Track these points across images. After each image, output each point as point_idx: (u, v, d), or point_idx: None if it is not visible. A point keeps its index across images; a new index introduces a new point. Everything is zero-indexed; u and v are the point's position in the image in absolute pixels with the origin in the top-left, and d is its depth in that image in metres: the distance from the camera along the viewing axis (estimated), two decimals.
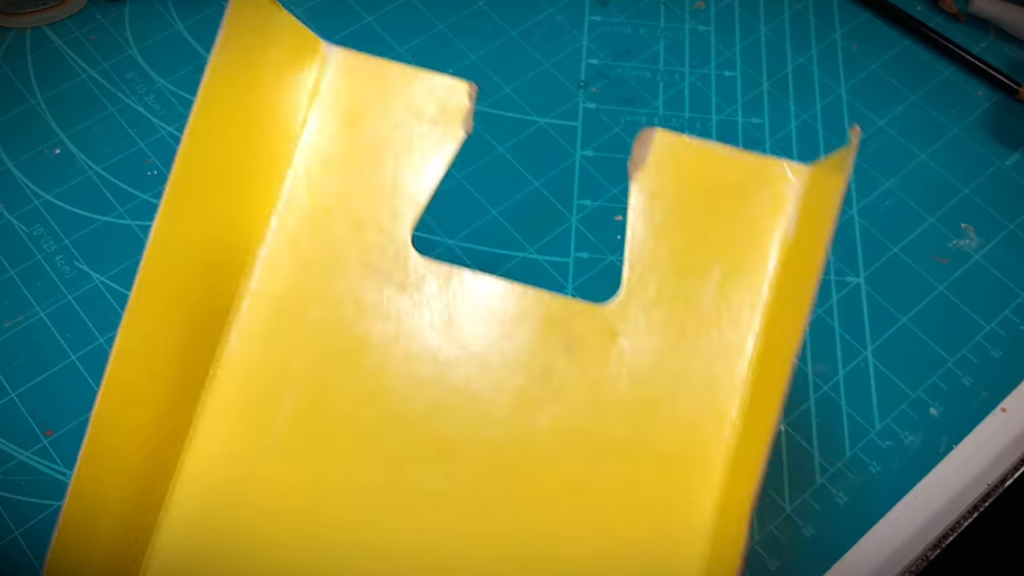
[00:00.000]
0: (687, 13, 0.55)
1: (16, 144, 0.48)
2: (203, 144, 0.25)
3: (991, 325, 0.45)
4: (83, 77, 0.50)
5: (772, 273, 0.26)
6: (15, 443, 0.40)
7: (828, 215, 0.23)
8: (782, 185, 0.27)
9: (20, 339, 0.42)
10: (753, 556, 0.39)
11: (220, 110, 0.25)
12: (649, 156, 0.28)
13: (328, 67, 0.29)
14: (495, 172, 0.48)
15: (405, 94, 0.29)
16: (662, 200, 0.27)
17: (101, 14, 0.52)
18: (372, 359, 0.27)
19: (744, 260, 0.26)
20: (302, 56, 0.28)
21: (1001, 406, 0.43)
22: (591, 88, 0.51)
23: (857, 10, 0.56)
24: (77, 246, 0.45)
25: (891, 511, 0.40)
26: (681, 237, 0.27)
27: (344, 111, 0.29)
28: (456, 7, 0.54)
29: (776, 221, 0.26)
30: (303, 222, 0.28)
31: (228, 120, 0.26)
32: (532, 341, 0.27)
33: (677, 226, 0.23)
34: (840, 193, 0.23)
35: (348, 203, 0.28)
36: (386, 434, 0.27)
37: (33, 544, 0.37)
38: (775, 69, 0.53)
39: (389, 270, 0.28)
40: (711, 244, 0.26)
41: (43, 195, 0.46)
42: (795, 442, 0.41)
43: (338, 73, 0.29)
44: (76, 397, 0.41)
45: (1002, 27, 0.55)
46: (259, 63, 0.26)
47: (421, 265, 0.28)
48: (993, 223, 0.48)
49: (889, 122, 0.51)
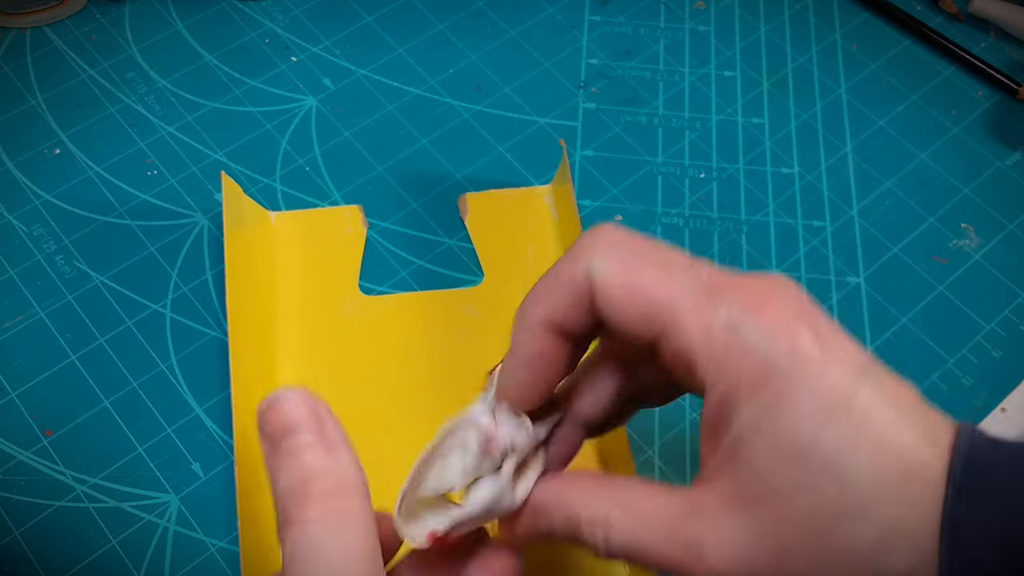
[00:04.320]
0: (687, 13, 0.55)
1: (16, 144, 0.48)
2: (237, 286, 0.41)
3: (991, 325, 0.45)
4: (83, 77, 0.50)
5: (555, 237, 0.46)
6: (15, 443, 0.40)
7: (571, 204, 0.44)
8: (541, 197, 0.47)
9: (20, 339, 0.42)
10: None
11: (237, 261, 0.42)
12: (468, 206, 0.47)
13: (275, 223, 0.46)
14: (495, 172, 0.48)
15: (326, 223, 0.46)
16: (485, 224, 0.47)
17: (101, 14, 0.52)
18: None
19: (540, 235, 0.46)
20: (263, 222, 0.45)
21: (1001, 406, 0.43)
22: (591, 88, 0.51)
23: (857, 10, 0.56)
24: (77, 246, 0.45)
25: None
26: (502, 238, 0.46)
27: (293, 245, 0.46)
28: (456, 7, 0.54)
29: (546, 214, 0.47)
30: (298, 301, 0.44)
31: (243, 267, 0.42)
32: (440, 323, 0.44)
33: (496, 233, 0.39)
34: (570, 193, 0.44)
35: (315, 288, 0.45)
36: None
37: (33, 544, 0.37)
38: (775, 69, 0.53)
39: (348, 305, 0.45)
40: (523, 234, 0.46)
41: (43, 195, 0.46)
42: None
43: (280, 223, 0.46)
44: (76, 397, 0.41)
45: (1002, 27, 0.55)
46: (244, 236, 0.43)
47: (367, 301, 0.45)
48: (993, 223, 0.48)
49: (889, 122, 0.51)
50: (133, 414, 0.40)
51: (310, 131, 0.49)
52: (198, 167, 0.47)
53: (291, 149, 0.48)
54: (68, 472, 0.39)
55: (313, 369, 0.42)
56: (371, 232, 0.46)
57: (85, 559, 0.37)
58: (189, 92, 0.50)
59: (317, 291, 0.44)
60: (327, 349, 0.42)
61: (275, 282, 0.44)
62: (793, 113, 0.51)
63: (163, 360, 0.42)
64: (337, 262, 0.45)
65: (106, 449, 0.40)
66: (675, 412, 0.42)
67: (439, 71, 0.51)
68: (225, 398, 0.41)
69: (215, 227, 0.45)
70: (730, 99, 0.51)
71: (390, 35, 0.53)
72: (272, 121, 0.49)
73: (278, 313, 0.43)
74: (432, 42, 0.53)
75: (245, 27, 0.52)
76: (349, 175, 0.48)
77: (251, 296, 0.42)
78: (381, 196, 0.47)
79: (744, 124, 0.51)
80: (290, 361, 0.42)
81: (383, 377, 0.42)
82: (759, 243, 0.47)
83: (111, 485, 0.39)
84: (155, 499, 0.39)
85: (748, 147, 0.50)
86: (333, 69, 0.51)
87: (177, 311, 0.43)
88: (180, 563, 0.37)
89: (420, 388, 0.42)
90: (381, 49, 0.52)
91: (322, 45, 0.52)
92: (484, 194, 0.47)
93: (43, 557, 0.37)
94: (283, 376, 0.41)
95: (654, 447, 0.41)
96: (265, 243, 0.45)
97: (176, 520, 0.38)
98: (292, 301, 0.43)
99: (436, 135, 0.49)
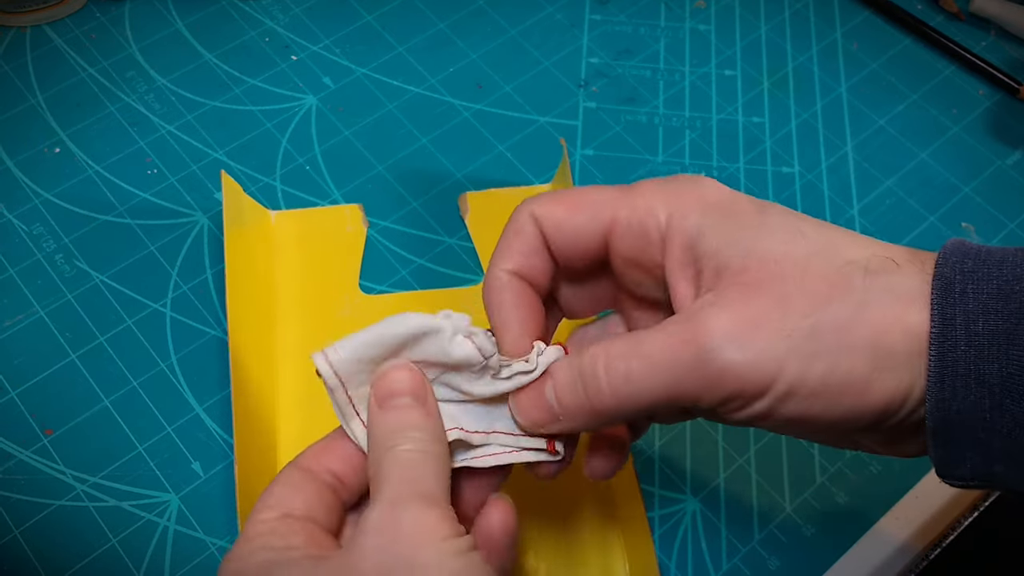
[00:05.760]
0: (687, 12, 0.55)
1: (16, 143, 0.47)
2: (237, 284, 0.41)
3: None
4: (83, 76, 0.50)
5: None
6: (15, 442, 0.40)
7: None
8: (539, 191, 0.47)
9: (20, 338, 0.42)
10: (753, 556, 0.39)
11: (238, 260, 0.41)
12: (468, 205, 0.47)
13: (275, 222, 0.46)
14: (495, 171, 0.48)
15: (326, 222, 0.46)
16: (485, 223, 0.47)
17: (101, 13, 0.52)
18: None
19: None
20: (262, 221, 0.45)
21: None
22: (591, 87, 0.51)
23: (858, 9, 0.56)
24: (77, 245, 0.45)
25: (891, 511, 0.40)
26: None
27: (293, 244, 0.45)
28: (456, 6, 0.54)
29: None
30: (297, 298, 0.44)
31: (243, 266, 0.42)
32: None
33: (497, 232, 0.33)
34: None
35: (315, 287, 0.45)
36: None
37: (33, 543, 0.37)
38: (775, 68, 0.53)
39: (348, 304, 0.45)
40: None
41: (43, 194, 0.46)
42: (795, 442, 0.41)
43: (280, 223, 0.46)
44: (76, 396, 0.41)
45: (1003, 26, 0.55)
46: (244, 235, 0.43)
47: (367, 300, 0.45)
48: (994, 222, 0.48)
49: (889, 121, 0.51)
50: (133, 413, 0.40)
51: (310, 130, 0.49)
52: (198, 166, 0.47)
53: (291, 148, 0.48)
54: (68, 471, 0.39)
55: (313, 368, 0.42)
56: (371, 231, 0.46)
57: (85, 558, 0.37)
58: (189, 91, 0.50)
59: (317, 290, 0.44)
60: None
61: (275, 281, 0.44)
62: (793, 112, 0.51)
63: (163, 359, 0.42)
64: (337, 261, 0.45)
65: (106, 448, 0.40)
66: None
67: (439, 70, 0.51)
68: (225, 397, 0.41)
69: (215, 226, 0.45)
70: (730, 98, 0.51)
71: (390, 34, 0.53)
72: (272, 120, 0.49)
73: (278, 312, 0.43)
74: (432, 41, 0.52)
75: (245, 26, 0.52)
76: (349, 174, 0.47)
77: (251, 295, 0.42)
78: (381, 195, 0.47)
79: (744, 123, 0.51)
80: (290, 360, 0.42)
81: None
82: None
83: (111, 484, 0.39)
84: (155, 498, 0.39)
85: (748, 146, 0.50)
86: (333, 68, 0.51)
87: (177, 310, 0.43)
88: (180, 562, 0.37)
89: None
90: (381, 48, 0.52)
91: (322, 44, 0.52)
92: (484, 193, 0.47)
93: (43, 556, 0.37)
94: (283, 375, 0.41)
95: (654, 447, 0.41)
96: (265, 242, 0.45)
97: (176, 519, 0.38)
98: (292, 300, 0.43)
99: (436, 134, 0.49)
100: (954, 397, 0.25)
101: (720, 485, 0.40)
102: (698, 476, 0.40)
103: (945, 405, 0.25)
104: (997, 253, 0.25)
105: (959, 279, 0.25)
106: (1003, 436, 0.24)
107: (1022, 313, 0.24)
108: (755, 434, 0.41)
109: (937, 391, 0.25)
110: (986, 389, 0.24)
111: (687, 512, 0.40)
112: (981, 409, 0.24)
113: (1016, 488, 0.26)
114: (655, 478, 0.40)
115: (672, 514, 0.40)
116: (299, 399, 0.41)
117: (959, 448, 0.25)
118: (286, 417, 0.41)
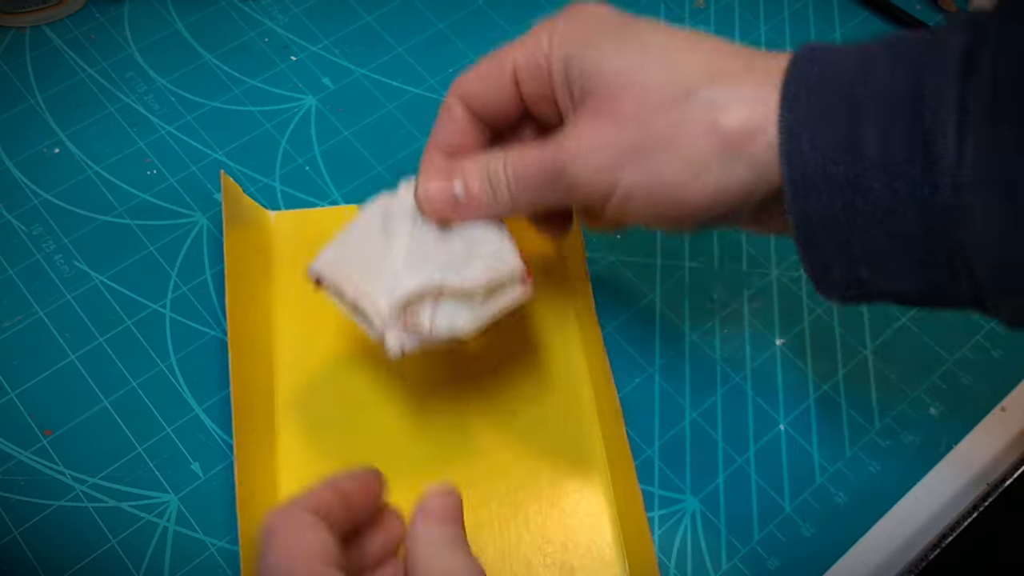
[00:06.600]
0: (687, 12, 0.55)
1: (15, 143, 0.47)
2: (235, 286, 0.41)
3: (991, 324, 0.45)
4: (82, 76, 0.50)
5: None
6: (15, 443, 0.40)
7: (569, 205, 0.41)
8: None
9: (19, 339, 0.42)
10: (753, 556, 0.39)
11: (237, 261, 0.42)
12: None
13: (275, 223, 0.46)
14: None
15: (325, 223, 0.46)
16: None
17: (100, 13, 0.52)
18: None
19: (540, 234, 0.43)
20: (262, 222, 0.45)
21: (1000, 405, 0.43)
22: None
23: (857, 9, 0.56)
24: (76, 245, 0.45)
25: (891, 511, 0.40)
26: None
27: (292, 245, 0.45)
28: (456, 6, 0.54)
29: None
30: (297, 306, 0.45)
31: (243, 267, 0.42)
32: None
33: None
34: None
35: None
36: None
37: (32, 544, 0.37)
38: None
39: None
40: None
41: (42, 194, 0.46)
42: (795, 442, 0.41)
43: (280, 223, 0.46)
44: (76, 397, 0.41)
45: None
46: (244, 236, 0.43)
47: None
48: None
49: None
50: (132, 414, 0.40)
51: (309, 130, 0.49)
52: (197, 166, 0.47)
53: (290, 148, 0.48)
54: (67, 472, 0.39)
55: (312, 368, 0.42)
56: None
57: (85, 559, 0.37)
58: (188, 91, 0.50)
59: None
60: (327, 348, 0.42)
61: (274, 282, 0.44)
62: None
63: (163, 360, 0.42)
64: None
65: (105, 449, 0.40)
66: (675, 412, 0.42)
67: (439, 70, 0.51)
68: (224, 398, 0.41)
69: (214, 226, 0.45)
70: None
71: (389, 34, 0.53)
72: (271, 120, 0.49)
73: (278, 313, 0.43)
74: (432, 41, 0.52)
75: (244, 26, 0.52)
76: (349, 174, 0.47)
77: (251, 295, 0.42)
78: None
79: None
80: (290, 361, 0.42)
81: (383, 376, 0.42)
82: (759, 243, 0.47)
83: (110, 485, 0.39)
84: (155, 499, 0.39)
85: None
86: (333, 68, 0.51)
87: (176, 311, 0.43)
88: (180, 563, 0.37)
89: (419, 386, 0.42)
90: (381, 48, 0.52)
91: (321, 44, 0.52)
92: None
93: (42, 557, 0.37)
94: (282, 376, 0.41)
95: (654, 447, 0.41)
96: (264, 243, 0.45)
97: (176, 520, 0.38)
98: (292, 301, 0.43)
99: None
100: (807, 198, 0.28)
101: (720, 485, 0.40)
102: (698, 476, 0.40)
103: (800, 206, 0.28)
104: (842, 55, 0.28)
105: (803, 92, 0.28)
106: (860, 233, 0.28)
107: (860, 118, 0.27)
108: (755, 434, 0.41)
109: (791, 192, 0.28)
110: (837, 190, 0.27)
111: (687, 512, 0.40)
112: (834, 208, 0.28)
113: (888, 293, 0.29)
114: (655, 478, 0.40)
115: (672, 514, 0.40)
116: (299, 399, 0.41)
117: (823, 252, 0.29)
118: (286, 417, 0.41)
